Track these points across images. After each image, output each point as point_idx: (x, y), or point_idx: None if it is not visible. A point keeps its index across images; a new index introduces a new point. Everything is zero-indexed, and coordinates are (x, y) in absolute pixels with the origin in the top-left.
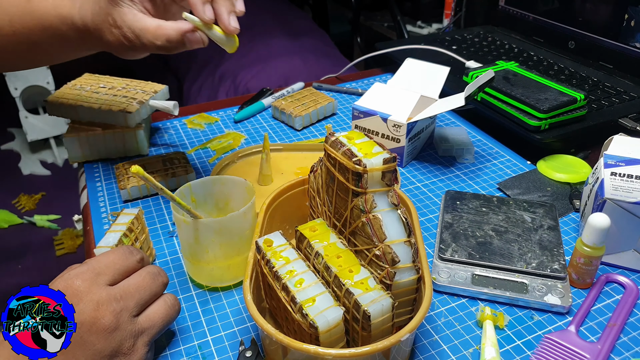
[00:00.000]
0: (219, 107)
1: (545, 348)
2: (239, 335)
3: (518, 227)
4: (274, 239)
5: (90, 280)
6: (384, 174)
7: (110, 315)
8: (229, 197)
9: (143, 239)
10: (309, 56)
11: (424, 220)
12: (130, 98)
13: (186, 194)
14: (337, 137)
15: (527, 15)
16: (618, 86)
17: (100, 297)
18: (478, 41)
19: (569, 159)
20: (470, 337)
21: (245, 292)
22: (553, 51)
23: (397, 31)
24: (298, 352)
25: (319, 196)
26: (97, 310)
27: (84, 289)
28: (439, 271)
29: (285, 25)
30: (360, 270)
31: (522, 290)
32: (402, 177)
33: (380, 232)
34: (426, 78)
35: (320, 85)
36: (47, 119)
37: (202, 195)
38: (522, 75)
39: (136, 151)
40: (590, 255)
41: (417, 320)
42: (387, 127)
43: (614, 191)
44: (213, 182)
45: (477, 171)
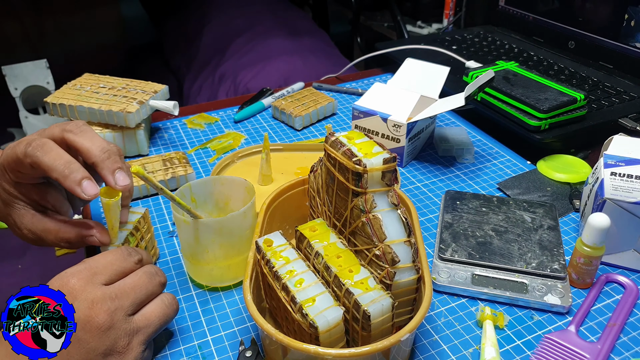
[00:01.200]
0: (219, 107)
1: (545, 348)
2: (239, 335)
3: (518, 227)
4: (274, 239)
5: (86, 279)
6: (384, 174)
7: (105, 314)
8: (229, 197)
9: (148, 238)
10: (309, 56)
11: (424, 220)
12: (130, 98)
13: (186, 194)
14: (337, 137)
15: (527, 15)
16: (618, 86)
17: (95, 295)
18: (478, 41)
19: (569, 159)
20: (470, 337)
21: (245, 292)
22: (553, 51)
23: (397, 31)
24: (298, 352)
25: (319, 196)
26: (92, 308)
27: (79, 288)
28: (439, 271)
29: (285, 25)
30: (360, 270)
31: (522, 290)
32: (402, 177)
33: (380, 232)
34: (426, 78)
35: (320, 85)
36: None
37: (202, 195)
38: (522, 75)
39: (136, 151)
40: (590, 255)
41: (417, 320)
42: (387, 127)
43: (614, 191)
44: (213, 182)
45: (477, 171)
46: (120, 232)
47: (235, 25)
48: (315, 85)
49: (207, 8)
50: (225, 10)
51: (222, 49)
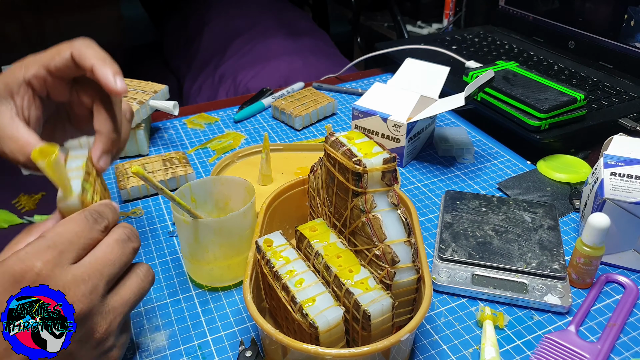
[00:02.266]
0: (219, 107)
1: (545, 348)
2: (239, 335)
3: (518, 227)
4: (274, 239)
5: (53, 261)
6: (384, 174)
7: (79, 301)
8: (229, 197)
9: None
10: (309, 56)
11: (424, 220)
12: (130, 98)
13: (186, 194)
14: (337, 137)
15: (527, 15)
16: (618, 86)
17: (66, 280)
18: (478, 41)
19: (569, 159)
20: (470, 337)
21: (245, 292)
22: (553, 51)
23: (397, 31)
24: (298, 352)
25: (319, 196)
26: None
27: (46, 274)
28: (439, 271)
29: (285, 25)
30: (360, 270)
31: (522, 290)
32: (402, 177)
33: (380, 232)
34: (426, 78)
35: (320, 85)
36: None
37: (202, 195)
38: (522, 75)
39: (136, 151)
40: (590, 255)
41: (417, 320)
42: (387, 127)
43: (614, 191)
44: (213, 182)
45: (477, 171)
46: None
47: (235, 25)
48: (315, 85)
49: (207, 8)
50: (225, 10)
51: (222, 49)
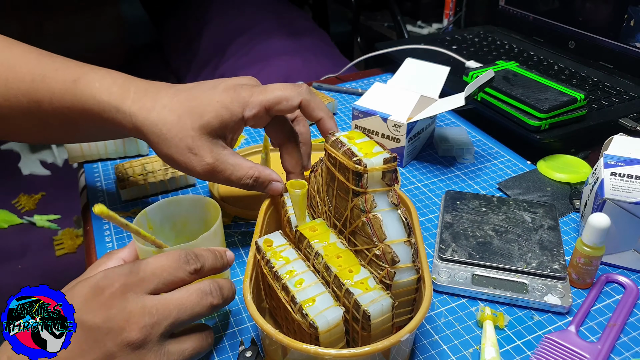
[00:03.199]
0: None
1: (545, 348)
2: (239, 335)
3: (518, 227)
4: (274, 239)
5: (131, 285)
6: (384, 174)
7: (138, 331)
8: (187, 218)
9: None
10: (309, 56)
11: (424, 220)
12: None
13: (143, 222)
14: (338, 137)
15: (527, 15)
16: (618, 86)
17: (134, 307)
18: (478, 41)
19: (569, 159)
20: (470, 337)
21: (245, 292)
22: (553, 51)
23: (397, 31)
24: (298, 352)
25: (319, 196)
26: (127, 320)
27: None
28: (439, 271)
29: (285, 25)
30: (360, 270)
31: (522, 290)
32: (402, 177)
33: (380, 232)
34: (426, 78)
35: (320, 85)
36: None
37: (159, 219)
38: (522, 75)
39: (136, 151)
40: (590, 255)
41: (417, 320)
42: (387, 127)
43: (614, 191)
44: (169, 204)
45: (477, 171)
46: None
47: (235, 25)
48: (315, 85)
49: (207, 8)
50: (225, 10)
51: (222, 49)
